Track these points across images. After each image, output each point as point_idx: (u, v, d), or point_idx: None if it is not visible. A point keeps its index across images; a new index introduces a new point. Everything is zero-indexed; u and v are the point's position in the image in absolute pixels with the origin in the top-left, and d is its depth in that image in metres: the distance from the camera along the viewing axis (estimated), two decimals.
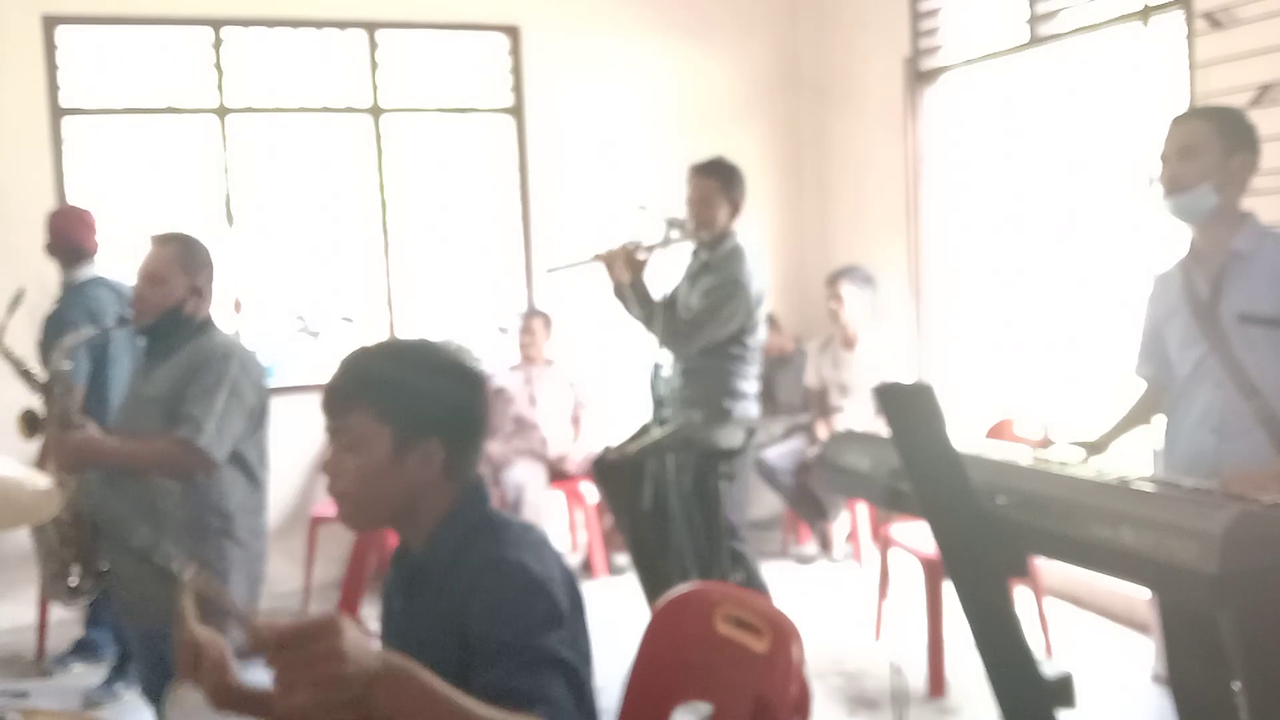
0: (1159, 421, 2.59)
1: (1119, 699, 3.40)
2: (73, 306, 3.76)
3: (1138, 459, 2.64)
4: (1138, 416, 2.63)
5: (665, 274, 3.73)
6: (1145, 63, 3.87)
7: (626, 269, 3.50)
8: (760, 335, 3.63)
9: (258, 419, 2.62)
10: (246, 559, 2.59)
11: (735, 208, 3.61)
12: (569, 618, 1.44)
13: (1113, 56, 4.13)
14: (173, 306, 2.57)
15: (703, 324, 3.49)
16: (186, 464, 2.49)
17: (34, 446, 3.69)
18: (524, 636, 1.37)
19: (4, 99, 4.50)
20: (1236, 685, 2.31)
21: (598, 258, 3.55)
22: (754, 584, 3.63)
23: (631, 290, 3.51)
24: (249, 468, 2.61)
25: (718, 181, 3.59)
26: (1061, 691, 1.79)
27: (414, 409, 1.50)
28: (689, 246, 3.69)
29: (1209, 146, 2.34)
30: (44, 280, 3.98)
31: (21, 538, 3.21)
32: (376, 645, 1.14)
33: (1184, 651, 2.50)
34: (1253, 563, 1.57)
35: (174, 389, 2.52)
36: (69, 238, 3.90)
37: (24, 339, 3.79)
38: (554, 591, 1.43)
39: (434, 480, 1.51)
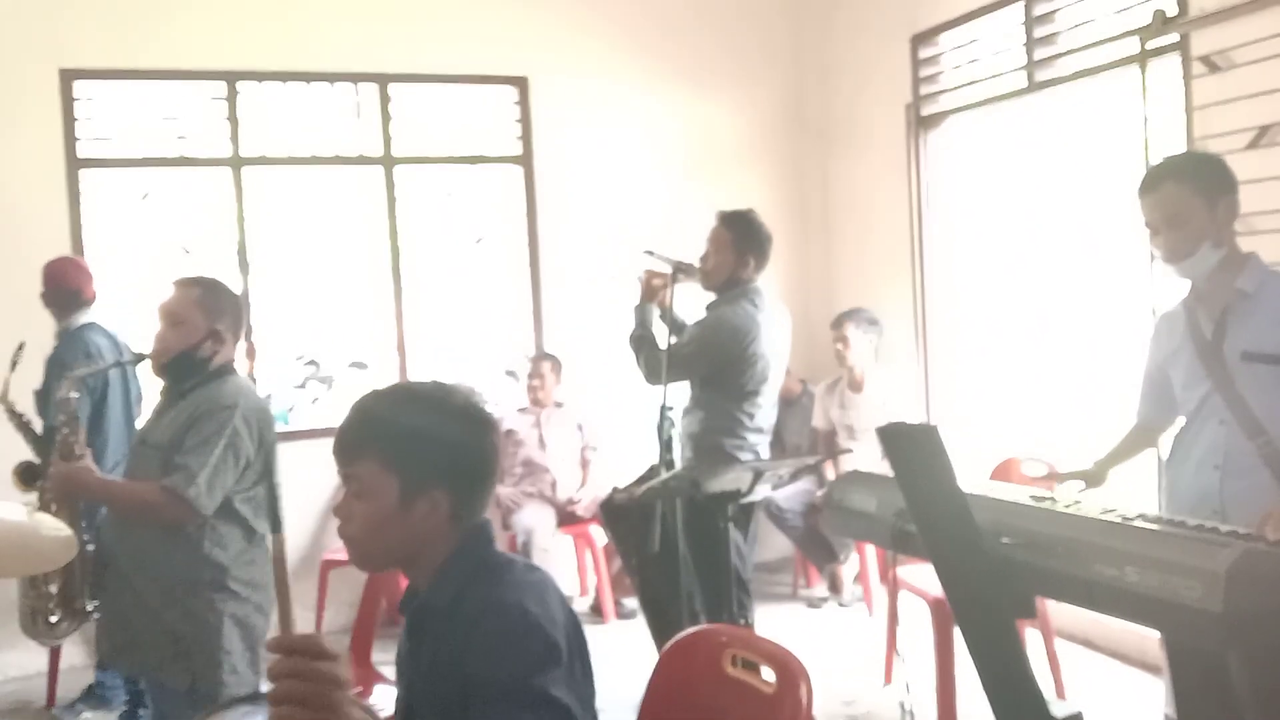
0: (1157, 450, 2.60)
1: None
2: (70, 350, 3.78)
3: (1140, 496, 2.65)
4: (1130, 447, 2.66)
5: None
6: (1143, 106, 3.91)
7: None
8: (760, 379, 3.62)
9: (259, 473, 2.59)
10: (242, 612, 2.56)
11: (743, 262, 3.64)
12: (568, 659, 1.46)
13: (1111, 100, 4.18)
14: (189, 349, 2.58)
15: (672, 360, 3.56)
16: (173, 513, 2.47)
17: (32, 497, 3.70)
18: (520, 678, 1.39)
19: (22, 151, 4.58)
20: None
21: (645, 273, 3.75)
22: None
23: (636, 311, 3.69)
24: (244, 521, 2.57)
25: (731, 233, 3.65)
26: None
27: (421, 459, 1.52)
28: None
29: (1193, 207, 2.34)
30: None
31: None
32: None
33: (1193, 692, 2.48)
34: (1258, 602, 1.58)
35: (174, 437, 2.52)
36: (65, 284, 3.93)
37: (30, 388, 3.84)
38: (552, 632, 1.45)
39: (440, 526, 1.54)
